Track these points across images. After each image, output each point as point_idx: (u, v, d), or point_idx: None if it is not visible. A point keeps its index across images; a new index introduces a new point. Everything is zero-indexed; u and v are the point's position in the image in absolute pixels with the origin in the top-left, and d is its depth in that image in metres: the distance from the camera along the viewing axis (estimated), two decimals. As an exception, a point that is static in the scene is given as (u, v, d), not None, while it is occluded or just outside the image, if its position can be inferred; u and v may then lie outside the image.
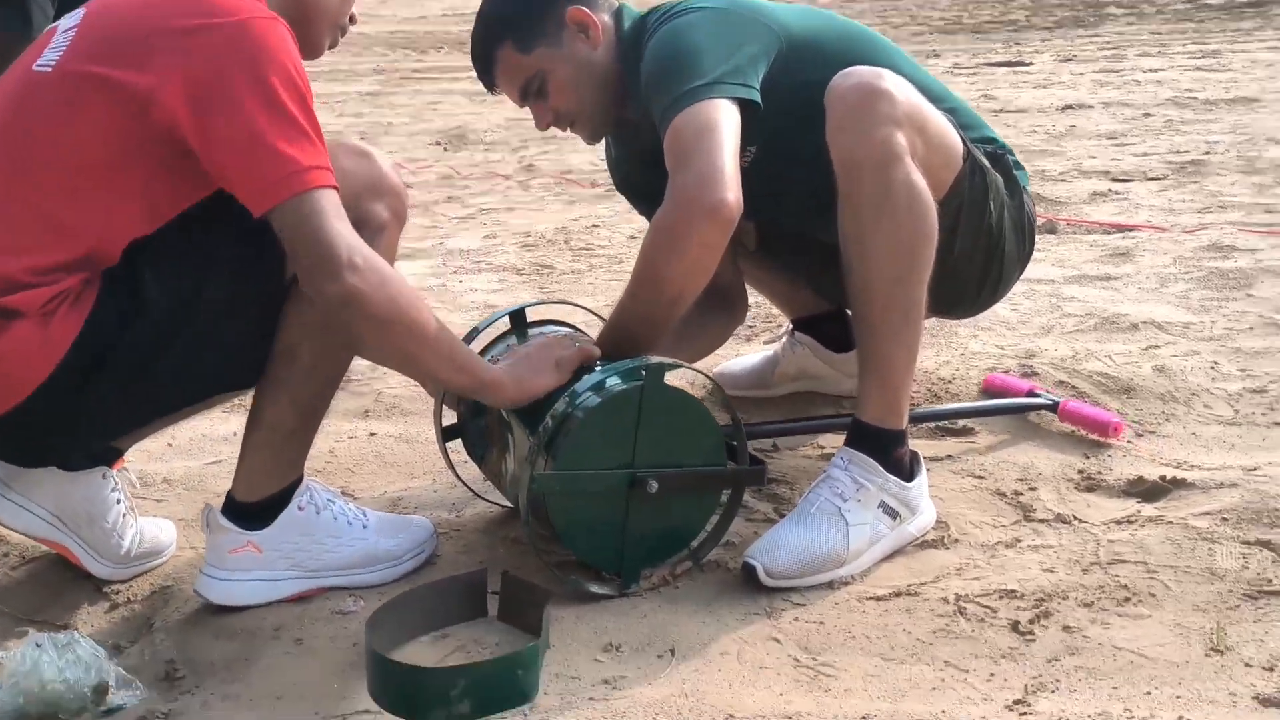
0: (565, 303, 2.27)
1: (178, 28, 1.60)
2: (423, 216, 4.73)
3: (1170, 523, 1.93)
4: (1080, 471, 2.16)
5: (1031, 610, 1.71)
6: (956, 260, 2.05)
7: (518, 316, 2.09)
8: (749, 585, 1.82)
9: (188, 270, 1.65)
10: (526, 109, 2.16)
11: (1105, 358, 2.66)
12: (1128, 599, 1.73)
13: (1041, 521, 1.99)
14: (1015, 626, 1.68)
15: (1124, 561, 1.83)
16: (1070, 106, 6.31)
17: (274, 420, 1.77)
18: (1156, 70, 7.46)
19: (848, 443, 1.94)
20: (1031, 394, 2.41)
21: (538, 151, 6.05)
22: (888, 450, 1.91)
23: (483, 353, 2.04)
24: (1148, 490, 2.07)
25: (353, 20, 1.88)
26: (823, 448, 2.31)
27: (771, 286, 2.58)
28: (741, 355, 2.76)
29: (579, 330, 2.14)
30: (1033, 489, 2.10)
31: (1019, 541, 1.93)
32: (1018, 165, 2.18)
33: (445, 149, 6.29)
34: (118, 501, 1.87)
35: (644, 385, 1.78)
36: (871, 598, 1.79)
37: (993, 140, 2.17)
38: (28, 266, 1.57)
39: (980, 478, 2.15)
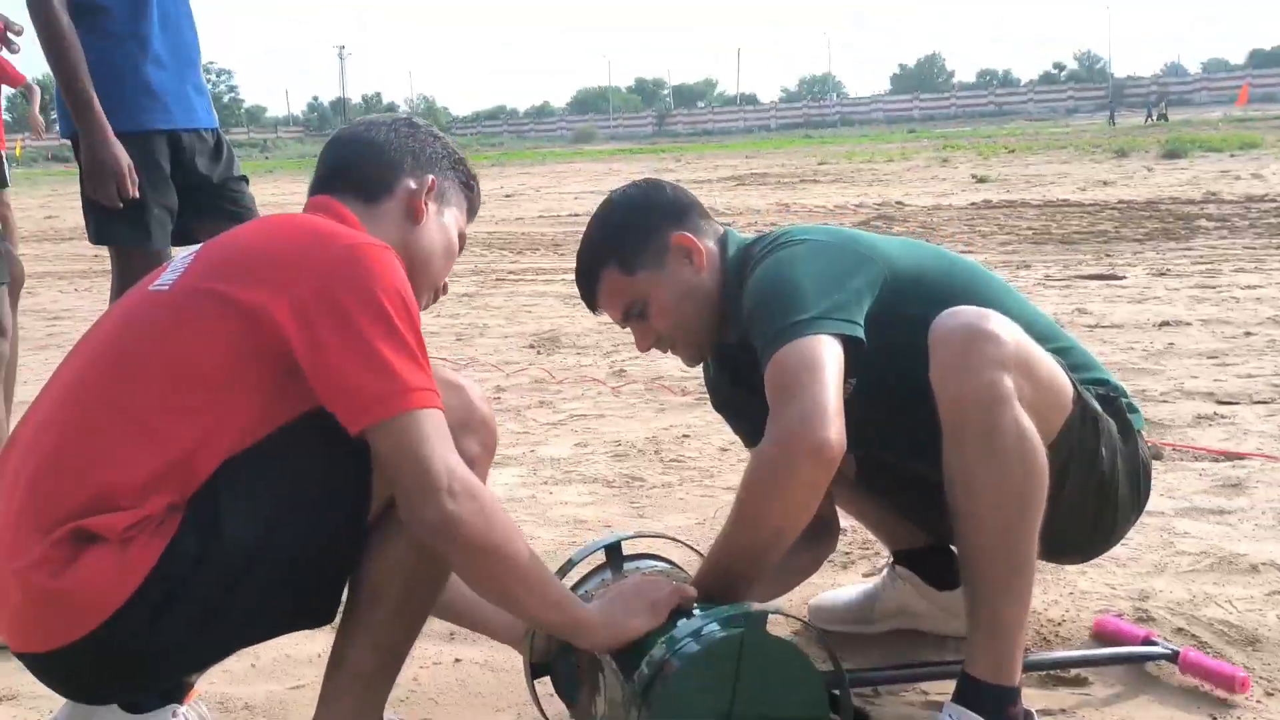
0: (662, 536, 2.22)
1: (290, 252, 1.65)
2: (514, 422, 4.75)
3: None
4: (1210, 738, 2.01)
5: None
6: (1066, 507, 1.97)
7: (613, 550, 2.03)
8: None
9: (270, 504, 1.62)
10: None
11: (1225, 603, 2.52)
12: None
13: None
14: None
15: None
16: (1168, 323, 6.22)
17: (356, 664, 1.72)
18: (1254, 287, 7.36)
19: (956, 699, 1.84)
20: (1148, 641, 2.28)
21: (628, 356, 6.08)
22: (999, 709, 1.81)
23: (577, 587, 1.99)
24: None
25: (445, 289, 1.93)
26: (927, 694, 2.19)
27: (871, 517, 2.51)
28: (839, 586, 2.66)
29: (674, 565, 2.08)
30: (1158, 755, 1.96)
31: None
32: (1132, 409, 2.12)
33: (539, 352, 6.36)
34: (192, 736, 1.81)
35: (744, 633, 1.70)
36: None
37: (1106, 382, 2.11)
38: (122, 480, 1.55)
39: (1103, 740, 2.02)
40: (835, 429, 1.75)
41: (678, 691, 1.68)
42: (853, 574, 2.84)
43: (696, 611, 1.80)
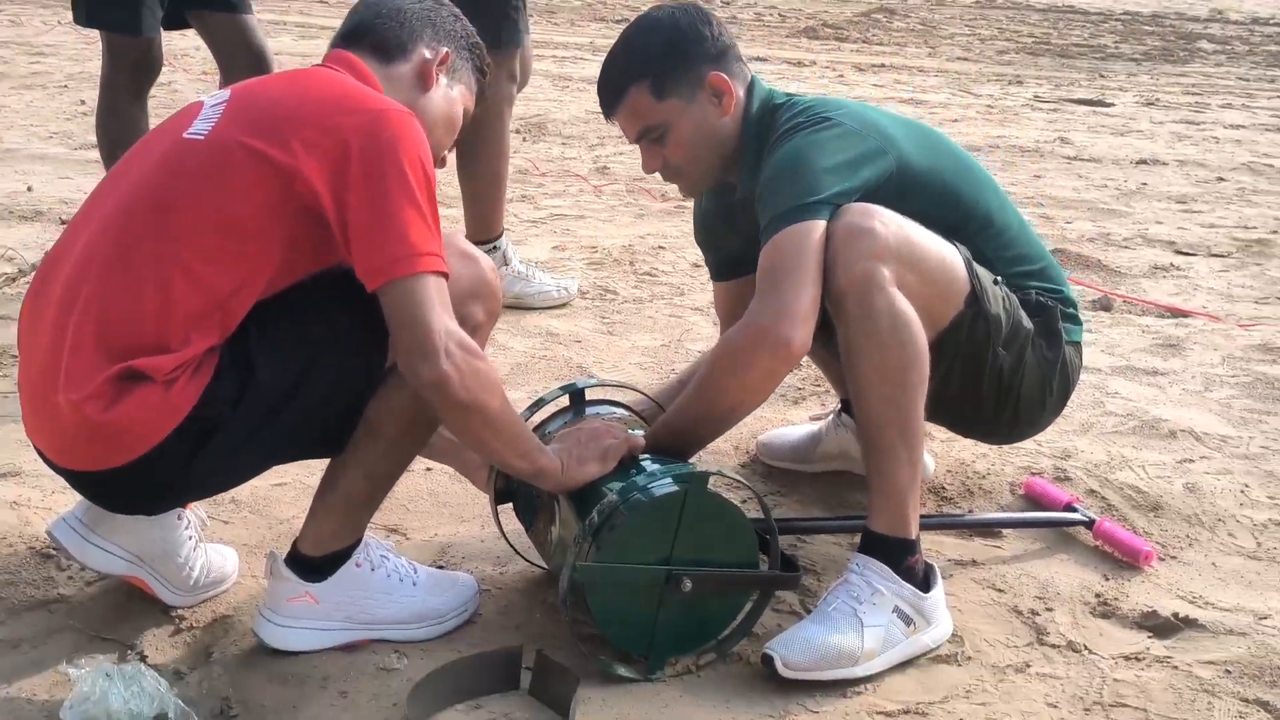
0: (624, 385, 2.38)
1: (321, 113, 1.77)
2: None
3: (1175, 667, 2.02)
4: (1098, 595, 2.24)
5: (1030, 748, 1.82)
6: (957, 397, 2.17)
7: (577, 395, 2.20)
8: (769, 678, 1.93)
9: (299, 352, 1.79)
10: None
11: (1139, 468, 2.74)
12: (1123, 745, 1.83)
13: (1053, 647, 2.08)
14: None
15: (1125, 705, 1.92)
16: (1145, 161, 6.31)
17: (348, 488, 1.91)
18: (1238, 127, 7.42)
19: (861, 549, 2.05)
20: (1070, 507, 2.49)
21: (613, 151, 6.14)
22: (899, 559, 2.02)
23: (542, 426, 2.16)
24: (1160, 626, 2.15)
25: (443, 161, 2.06)
26: (854, 540, 2.41)
27: (829, 365, 2.68)
28: (789, 422, 2.85)
29: (631, 411, 2.25)
30: (1049, 609, 2.19)
31: (1028, 667, 2.02)
32: (1071, 318, 2.26)
33: (524, 139, 6.40)
34: (190, 538, 2.01)
35: (688, 490, 1.89)
36: (882, 712, 1.90)
37: (1058, 292, 2.25)
38: (168, 322, 1.71)
39: (1000, 590, 2.25)
40: (802, 332, 1.92)
41: (623, 536, 1.87)
42: (804, 409, 3.03)
43: (646, 463, 1.98)
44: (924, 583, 2.04)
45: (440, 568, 2.20)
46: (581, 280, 4.04)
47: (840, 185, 2.04)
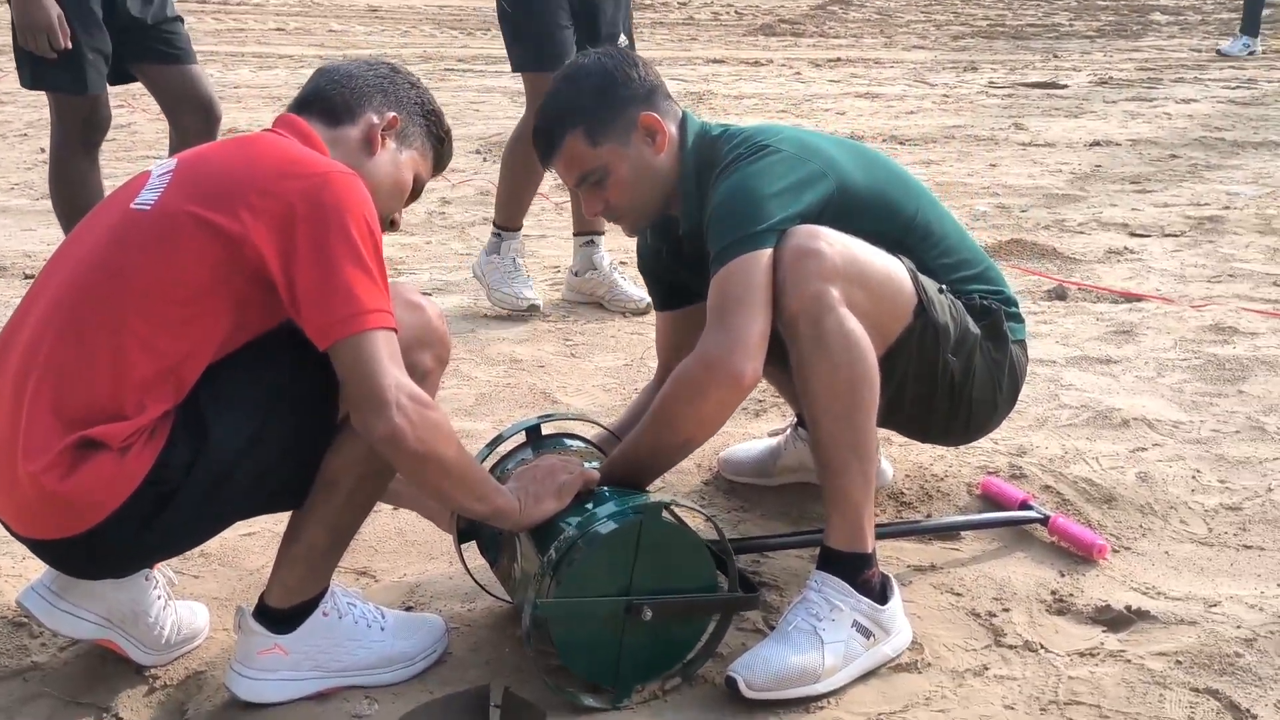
0: (582, 419, 2.43)
1: (264, 180, 1.81)
2: (459, 241, 4.89)
3: (1128, 661, 2.08)
4: (1053, 593, 2.30)
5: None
6: (912, 406, 2.23)
7: (533, 430, 2.25)
8: (732, 699, 1.98)
9: (251, 410, 1.83)
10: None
11: (1093, 460, 2.79)
12: (1079, 742, 1.88)
13: (1010, 648, 2.13)
14: (974, 771, 1.83)
15: (1080, 703, 1.97)
16: (1099, 143, 6.39)
17: (310, 540, 1.95)
18: (1189, 101, 7.50)
19: (819, 565, 2.10)
20: (1025, 505, 2.54)
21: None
22: (855, 573, 2.06)
23: (499, 464, 2.21)
24: (1113, 620, 2.20)
25: (395, 225, 2.12)
26: (814, 553, 2.45)
27: (781, 382, 2.72)
28: (750, 436, 2.90)
29: (588, 442, 2.30)
30: (1006, 609, 2.25)
31: (986, 670, 2.07)
32: (1014, 317, 2.31)
33: (485, 159, 6.44)
34: (159, 597, 2.05)
35: (642, 521, 1.94)
36: (843, 726, 1.95)
37: (1000, 294, 2.30)
38: (122, 390, 1.75)
39: (958, 594, 2.30)
40: (753, 364, 1.98)
41: (582, 570, 1.92)
42: (765, 422, 3.08)
43: (602, 495, 2.03)
44: (881, 595, 2.08)
45: (409, 609, 2.24)
46: (545, 299, 4.08)
47: (784, 211, 2.08)
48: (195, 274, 1.78)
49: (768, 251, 2.05)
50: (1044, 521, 2.50)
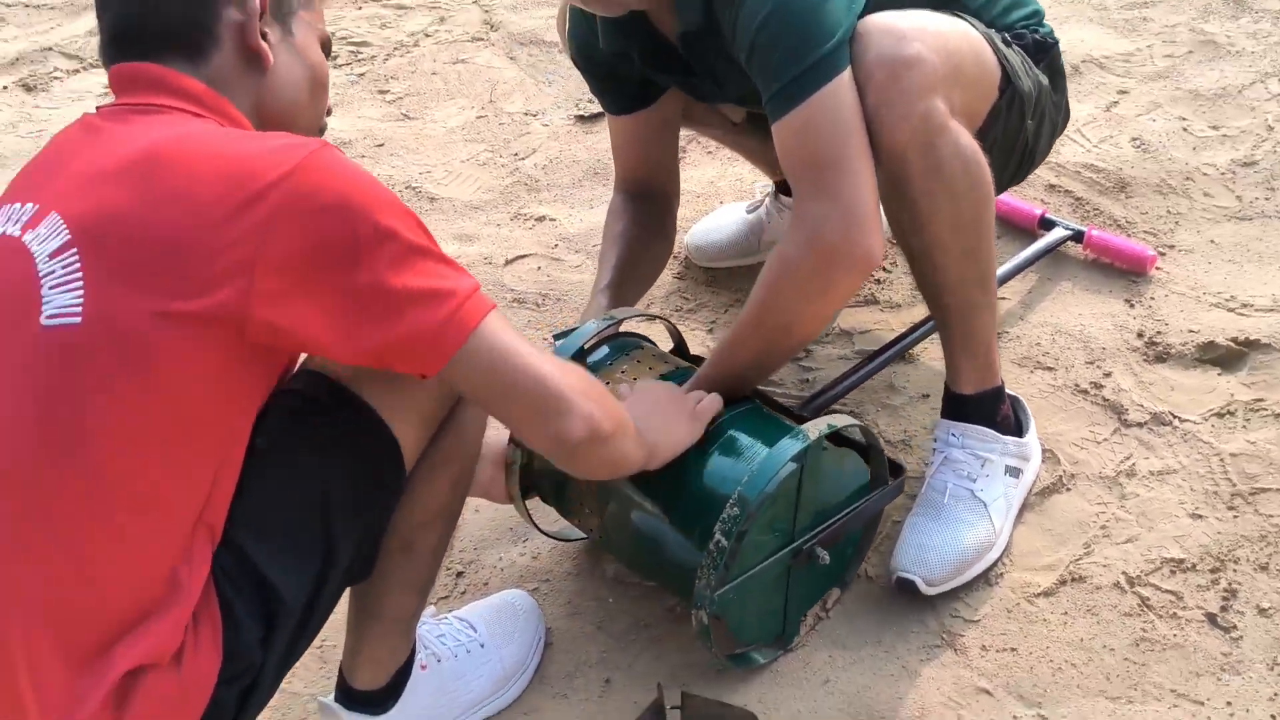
0: (659, 318, 1.90)
1: (221, 221, 1.14)
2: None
3: (1275, 414, 1.90)
4: (1139, 335, 2.08)
5: (1212, 588, 1.68)
6: None
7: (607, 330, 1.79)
8: (904, 596, 1.71)
9: (309, 538, 1.28)
10: None
11: (1077, 134, 2.51)
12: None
13: (1140, 426, 1.92)
14: (1213, 620, 1.64)
15: (1264, 490, 1.80)
16: None
17: (397, 612, 1.51)
18: None
19: (951, 417, 1.80)
20: (1044, 220, 2.27)
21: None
22: (994, 413, 1.80)
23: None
24: (1222, 358, 2.01)
25: (329, 112, 1.44)
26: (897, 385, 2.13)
27: (754, 151, 2.29)
28: (708, 220, 2.42)
29: (648, 341, 1.85)
30: (1107, 374, 2.01)
31: (1135, 470, 1.86)
32: (1052, 36, 1.92)
33: None
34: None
35: (803, 466, 1.55)
36: (1040, 593, 1.71)
37: (1033, 14, 1.89)
38: (144, 581, 1.17)
39: (1050, 369, 2.04)
40: (877, 237, 1.55)
41: (751, 543, 1.55)
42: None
43: (735, 432, 1.61)
44: (1019, 425, 1.82)
45: (459, 574, 1.83)
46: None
47: (849, 16, 1.58)
48: (193, 388, 1.15)
49: (845, 75, 1.56)
50: (1078, 238, 2.24)
